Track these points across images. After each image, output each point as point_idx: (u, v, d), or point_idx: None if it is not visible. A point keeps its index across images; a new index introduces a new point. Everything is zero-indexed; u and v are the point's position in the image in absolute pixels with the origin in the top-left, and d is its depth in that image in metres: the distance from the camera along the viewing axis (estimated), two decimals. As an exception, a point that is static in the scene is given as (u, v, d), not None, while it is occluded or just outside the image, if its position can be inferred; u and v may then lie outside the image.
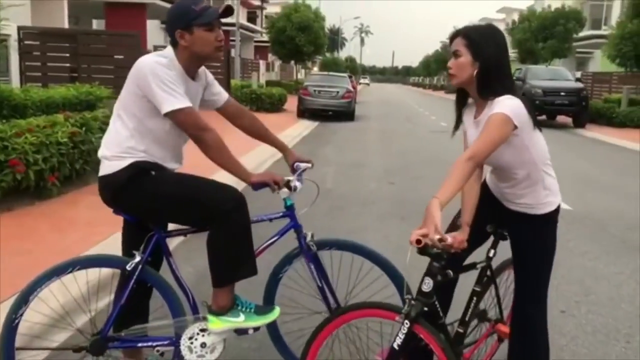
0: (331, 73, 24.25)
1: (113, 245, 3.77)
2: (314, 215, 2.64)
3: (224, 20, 2.57)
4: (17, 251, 4.29)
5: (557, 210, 2.53)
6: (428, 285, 2.14)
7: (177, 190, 2.44)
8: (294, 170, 2.85)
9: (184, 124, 2.40)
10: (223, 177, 2.71)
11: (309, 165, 2.89)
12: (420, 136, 15.53)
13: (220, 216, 2.39)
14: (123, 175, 2.41)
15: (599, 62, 36.41)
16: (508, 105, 2.20)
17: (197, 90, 2.61)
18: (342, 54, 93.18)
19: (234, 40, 25.97)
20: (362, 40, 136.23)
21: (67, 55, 11.17)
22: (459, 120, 2.56)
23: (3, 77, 11.86)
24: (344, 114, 19.56)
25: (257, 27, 40.27)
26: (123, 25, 18.27)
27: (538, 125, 2.38)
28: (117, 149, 2.44)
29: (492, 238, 2.67)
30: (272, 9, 51.17)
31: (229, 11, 2.49)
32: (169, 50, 2.49)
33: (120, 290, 2.53)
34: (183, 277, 2.65)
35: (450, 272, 2.26)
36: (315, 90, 19.24)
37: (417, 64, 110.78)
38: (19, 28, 10.63)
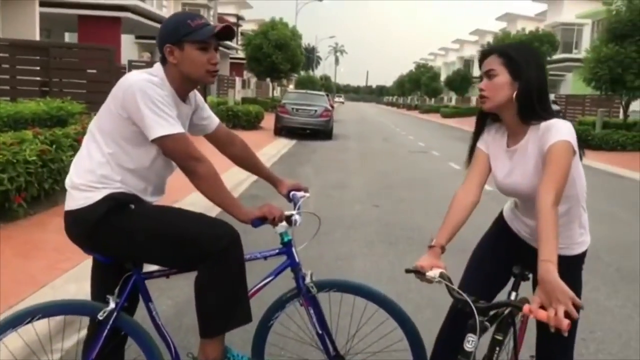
0: (309, 91, 24.08)
1: (83, 274, 3.41)
2: (298, 241, 2.40)
3: None
4: (-26, 282, 3.88)
5: (586, 250, 2.29)
6: (472, 344, 1.85)
7: (161, 227, 2.12)
8: (289, 200, 2.56)
9: (175, 152, 2.09)
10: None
11: (307, 194, 2.60)
12: (400, 156, 15.37)
13: (212, 257, 2.08)
14: (97, 210, 2.07)
15: (570, 85, 37.14)
16: (567, 131, 1.94)
17: (187, 115, 2.31)
18: (317, 73, 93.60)
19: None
20: (336, 59, 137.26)
21: (38, 68, 10.71)
22: (473, 149, 2.26)
23: (-32, 90, 11.33)
24: (322, 132, 19.37)
25: (233, 44, 40.02)
26: (96, 39, 17.87)
27: (583, 153, 2.12)
28: (89, 177, 2.10)
29: (512, 279, 2.36)
30: (248, 26, 51.13)
31: (228, 33, 2.19)
32: (159, 68, 2.19)
33: (90, 341, 2.19)
34: (164, 325, 2.31)
35: (488, 324, 1.97)
36: (293, 109, 19.02)
37: (391, 84, 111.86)
38: (-14, 39, 10.15)
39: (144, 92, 2.02)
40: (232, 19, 47.87)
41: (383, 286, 4.54)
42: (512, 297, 2.39)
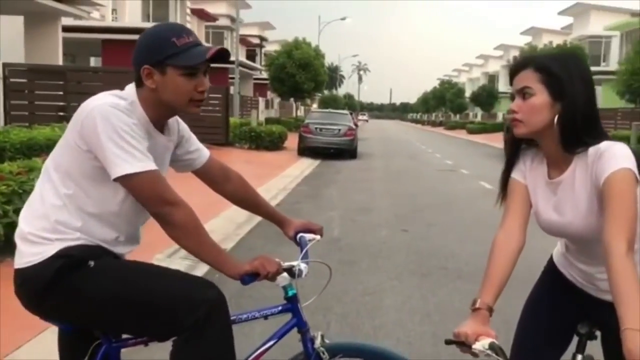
0: (332, 110, 23.81)
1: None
2: (320, 273, 2.03)
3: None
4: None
5: None
6: None
7: (126, 291, 1.72)
8: (297, 243, 2.14)
9: (143, 195, 1.69)
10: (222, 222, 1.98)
11: (317, 237, 2.17)
12: (427, 175, 14.87)
13: (188, 328, 1.68)
14: (49, 269, 1.68)
15: (600, 98, 36.30)
16: (623, 155, 1.55)
17: (165, 147, 1.91)
18: (341, 91, 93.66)
19: (233, 78, 25.63)
20: (360, 78, 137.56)
21: (57, 93, 10.60)
22: (506, 181, 1.84)
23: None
24: (346, 152, 18.95)
25: (257, 65, 40.14)
26: (120, 63, 17.83)
27: None
28: (41, 225, 1.71)
29: (575, 339, 1.95)
30: (271, 47, 51.40)
31: (223, 55, 1.80)
32: (131, 90, 1.80)
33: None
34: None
35: None
36: (316, 128, 18.69)
37: (415, 100, 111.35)
38: (4, 65, 10.07)
39: (106, 120, 1.63)
40: (256, 40, 48.21)
41: (416, 327, 4.09)
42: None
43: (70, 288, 1.70)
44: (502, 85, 56.66)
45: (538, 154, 1.80)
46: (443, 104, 64.77)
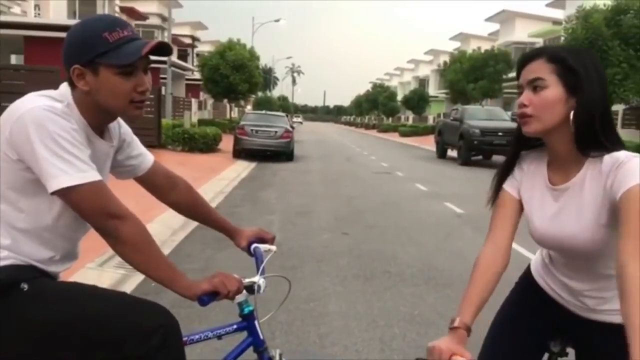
0: (268, 112, 23.52)
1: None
2: (267, 281, 1.85)
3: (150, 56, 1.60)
4: None
5: None
6: None
7: (68, 318, 1.51)
8: (251, 254, 1.99)
9: (86, 208, 1.49)
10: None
11: (273, 248, 2.04)
12: (364, 177, 14.94)
13: (139, 358, 1.50)
14: None
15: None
16: None
17: (106, 154, 1.71)
18: (275, 93, 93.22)
19: (164, 78, 24.94)
20: (293, 80, 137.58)
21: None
22: (500, 185, 1.71)
23: None
24: (283, 154, 18.80)
25: (189, 65, 39.28)
26: (43, 61, 16.96)
27: None
28: None
29: (545, 356, 1.87)
30: (204, 48, 50.52)
31: (162, 50, 1.59)
32: (65, 90, 1.58)
33: None
34: None
35: None
36: (252, 130, 18.41)
37: (349, 103, 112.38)
38: None
39: (40, 126, 1.43)
40: (188, 40, 47.23)
41: (363, 333, 4.01)
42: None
43: (0, 316, 1.48)
44: (433, 89, 58.13)
45: (538, 158, 1.68)
46: (376, 107, 65.69)
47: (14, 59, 24.57)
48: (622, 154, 1.48)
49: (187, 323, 3.83)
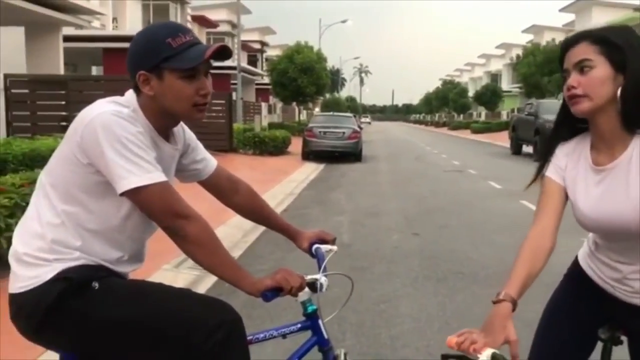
0: (336, 113, 23.61)
1: None
2: (333, 281, 1.86)
3: (221, 63, 1.71)
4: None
5: None
6: None
7: (136, 314, 1.57)
8: (313, 256, 2.01)
9: (154, 209, 1.55)
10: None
11: (334, 247, 2.04)
12: (435, 176, 14.69)
13: (204, 354, 1.54)
14: (48, 294, 1.53)
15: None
16: None
17: (172, 157, 1.77)
18: (343, 94, 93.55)
19: (235, 84, 25.54)
20: (361, 80, 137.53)
21: (59, 103, 10.50)
22: (542, 167, 1.74)
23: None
24: (351, 154, 18.80)
25: (258, 70, 40.05)
26: (121, 71, 17.67)
27: None
28: (37, 245, 1.57)
29: (599, 345, 1.87)
30: (272, 52, 51.36)
31: (223, 53, 1.64)
32: (131, 96, 1.65)
33: None
34: None
35: None
36: (320, 132, 18.54)
37: (418, 102, 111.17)
38: (5, 76, 9.98)
39: (108, 130, 1.49)
40: (257, 45, 48.17)
41: (435, 335, 3.92)
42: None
43: (74, 314, 1.55)
44: (505, 84, 56.44)
45: (580, 143, 1.70)
46: (446, 104, 64.54)
47: (94, 70, 25.89)
48: None
49: (259, 323, 3.89)
